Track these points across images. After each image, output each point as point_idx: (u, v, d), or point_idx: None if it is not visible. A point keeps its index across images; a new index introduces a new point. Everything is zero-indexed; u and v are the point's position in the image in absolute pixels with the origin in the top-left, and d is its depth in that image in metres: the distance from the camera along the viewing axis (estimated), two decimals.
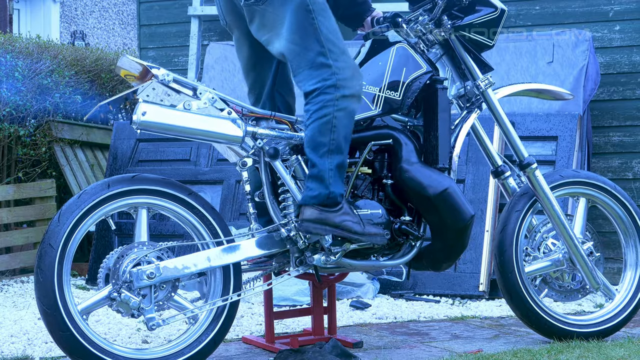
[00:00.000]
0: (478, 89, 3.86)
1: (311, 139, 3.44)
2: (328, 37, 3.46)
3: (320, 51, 3.45)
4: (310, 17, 3.45)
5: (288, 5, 3.45)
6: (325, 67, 3.44)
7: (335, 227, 3.45)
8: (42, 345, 3.96)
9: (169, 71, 3.49)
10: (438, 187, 3.60)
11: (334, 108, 3.43)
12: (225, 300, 3.46)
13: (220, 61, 6.33)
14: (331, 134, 3.43)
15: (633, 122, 5.82)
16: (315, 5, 3.46)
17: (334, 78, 3.43)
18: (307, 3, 3.45)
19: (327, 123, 3.42)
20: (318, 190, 3.43)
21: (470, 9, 3.76)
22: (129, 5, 14.51)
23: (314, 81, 3.45)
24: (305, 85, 3.47)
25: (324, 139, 3.43)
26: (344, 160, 3.46)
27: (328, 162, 3.43)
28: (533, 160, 3.94)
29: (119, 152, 6.07)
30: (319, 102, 3.43)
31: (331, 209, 3.43)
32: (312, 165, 3.45)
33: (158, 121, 3.38)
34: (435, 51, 3.84)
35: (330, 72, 3.44)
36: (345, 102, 3.44)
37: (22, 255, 6.14)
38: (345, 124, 3.45)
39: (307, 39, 3.45)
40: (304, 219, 3.44)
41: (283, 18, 3.46)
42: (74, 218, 3.30)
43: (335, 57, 3.46)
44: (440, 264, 3.75)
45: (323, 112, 3.42)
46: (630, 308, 4.09)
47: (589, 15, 5.91)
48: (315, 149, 3.44)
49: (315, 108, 3.44)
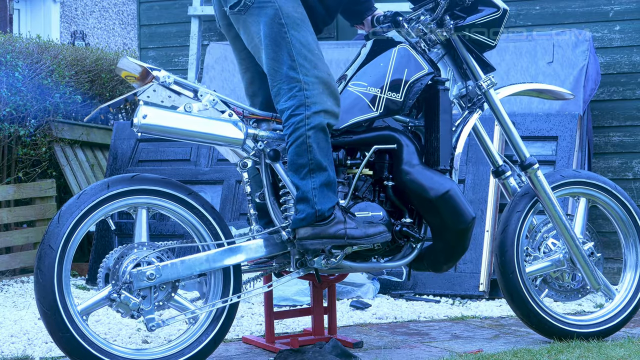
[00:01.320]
0: (480, 89, 3.85)
1: (291, 163, 3.46)
2: (300, 51, 3.47)
3: (291, 65, 3.46)
4: (283, 30, 3.47)
5: (262, 17, 3.48)
6: (295, 81, 3.45)
7: (331, 237, 3.45)
8: (42, 345, 3.96)
9: (170, 73, 3.48)
10: (439, 190, 3.60)
11: (305, 128, 3.43)
12: (225, 301, 3.46)
13: (221, 61, 6.33)
14: (308, 154, 3.44)
15: (633, 122, 5.82)
16: (287, 19, 3.47)
17: (301, 95, 3.44)
18: (280, 16, 3.47)
19: (302, 144, 3.43)
20: (305, 212, 3.44)
21: (472, 9, 3.74)
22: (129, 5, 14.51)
23: (285, 98, 3.46)
24: (278, 101, 3.49)
25: (302, 161, 3.44)
26: (327, 177, 3.46)
27: (310, 182, 3.44)
28: (535, 160, 3.94)
29: (119, 152, 6.07)
30: (291, 124, 3.45)
31: (323, 223, 3.44)
32: (297, 188, 3.46)
33: (159, 124, 3.38)
34: (437, 51, 3.83)
35: (299, 88, 3.45)
36: (317, 119, 3.44)
37: (22, 255, 6.14)
38: (320, 140, 3.44)
39: (279, 52, 3.47)
40: (299, 238, 3.46)
41: (259, 30, 3.49)
42: (73, 219, 3.29)
43: (305, 72, 3.46)
44: (440, 265, 3.74)
45: (296, 135, 3.43)
46: (630, 308, 4.09)
47: (589, 15, 5.91)
48: (297, 172, 3.45)
49: (289, 132, 3.46)
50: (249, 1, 3.50)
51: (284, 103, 3.47)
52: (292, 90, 3.45)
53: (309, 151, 3.44)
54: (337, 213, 3.47)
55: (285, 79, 3.46)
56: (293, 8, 3.50)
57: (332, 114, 3.49)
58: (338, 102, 3.53)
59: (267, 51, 3.48)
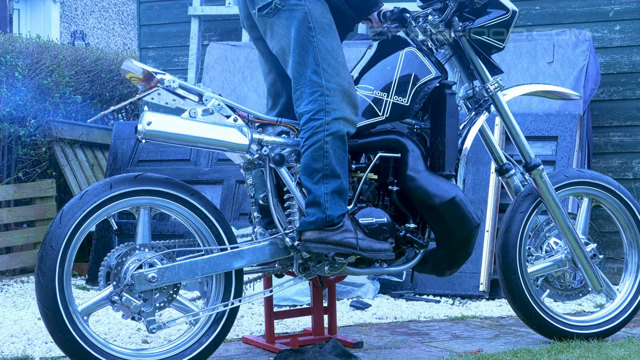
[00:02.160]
0: (487, 91, 3.83)
1: (305, 167, 3.45)
2: (325, 56, 3.47)
3: (315, 69, 3.46)
4: (311, 34, 3.47)
5: (292, 20, 3.48)
6: (317, 85, 3.45)
7: (336, 245, 3.44)
8: (42, 345, 3.96)
9: (175, 77, 3.44)
10: (445, 197, 3.58)
11: (324, 133, 3.43)
12: (226, 305, 3.45)
13: (221, 61, 6.33)
14: (324, 160, 3.43)
15: (633, 122, 5.82)
16: (316, 23, 3.48)
17: (322, 100, 3.44)
18: (309, 20, 3.47)
19: (319, 149, 3.43)
20: (315, 216, 3.43)
21: (481, 10, 3.71)
22: (129, 5, 14.50)
23: (306, 102, 3.46)
24: (299, 104, 3.49)
25: (317, 165, 3.43)
26: (340, 185, 3.45)
27: (323, 187, 3.43)
28: (540, 162, 3.92)
29: (119, 152, 6.07)
30: (309, 128, 3.44)
31: (331, 229, 3.44)
32: (309, 192, 3.46)
33: (163, 130, 3.36)
34: (444, 52, 3.80)
35: (320, 93, 3.45)
36: (336, 126, 3.44)
37: (22, 255, 6.13)
38: (337, 147, 3.45)
39: (305, 56, 3.47)
40: (304, 239, 3.45)
41: (289, 33, 3.49)
42: (76, 219, 3.27)
43: (328, 78, 3.46)
44: (443, 270, 3.73)
45: (314, 139, 3.43)
46: (631, 309, 4.09)
47: (589, 15, 5.91)
48: (310, 176, 3.44)
49: (307, 135, 3.45)
50: (280, 4, 3.50)
51: (304, 107, 3.46)
52: (314, 95, 3.45)
53: (325, 156, 3.43)
54: (346, 222, 3.46)
55: (308, 83, 3.46)
56: (321, 13, 3.51)
57: (351, 122, 3.49)
58: (357, 112, 3.53)
59: (293, 54, 3.48)
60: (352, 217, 3.51)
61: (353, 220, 3.50)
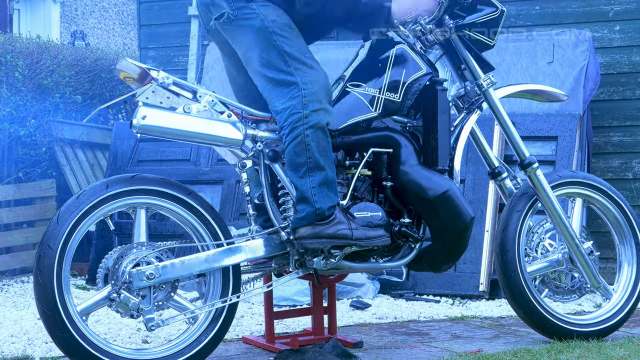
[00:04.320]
0: (480, 88, 3.85)
1: (290, 162, 3.47)
2: (293, 55, 3.49)
3: (287, 70, 3.48)
4: (272, 38, 3.49)
5: (250, 28, 3.50)
6: (292, 84, 3.47)
7: (330, 237, 3.46)
8: (42, 345, 3.96)
9: (169, 74, 3.48)
10: (438, 190, 3.60)
11: (304, 126, 3.44)
12: (225, 301, 3.46)
13: (221, 61, 6.29)
14: (307, 153, 3.44)
15: (633, 122, 5.82)
16: (274, 26, 3.50)
17: (300, 95, 3.45)
18: (267, 25, 3.49)
19: (300, 143, 3.44)
20: (305, 212, 3.45)
21: (471, 8, 3.75)
22: (129, 5, 14.50)
23: (282, 100, 3.47)
24: (274, 104, 3.50)
25: (300, 159, 3.45)
26: (326, 176, 3.47)
27: (309, 181, 3.45)
28: (534, 159, 3.94)
29: (119, 152, 6.07)
30: (289, 124, 3.45)
31: (323, 222, 3.45)
32: (296, 188, 3.47)
33: (158, 125, 3.38)
34: (435, 52, 3.83)
35: (297, 89, 3.46)
36: (315, 117, 3.45)
37: (22, 255, 6.14)
38: (319, 139, 3.45)
39: (271, 59, 3.48)
40: (299, 237, 3.46)
41: (249, 40, 3.51)
42: (72, 219, 3.29)
43: (302, 74, 3.48)
44: (439, 265, 3.75)
45: (295, 134, 3.44)
46: (627, 308, 4.10)
47: (589, 15, 5.91)
48: (295, 171, 3.46)
49: (287, 131, 3.46)
50: (233, 14, 3.52)
51: (281, 105, 3.47)
52: (291, 92, 3.46)
53: (307, 150, 3.44)
54: (337, 213, 3.48)
55: (281, 84, 3.47)
56: (277, 16, 3.52)
57: (329, 112, 3.51)
58: (331, 101, 3.55)
59: (259, 59, 3.50)
60: (344, 208, 3.52)
61: (346, 212, 3.51)
